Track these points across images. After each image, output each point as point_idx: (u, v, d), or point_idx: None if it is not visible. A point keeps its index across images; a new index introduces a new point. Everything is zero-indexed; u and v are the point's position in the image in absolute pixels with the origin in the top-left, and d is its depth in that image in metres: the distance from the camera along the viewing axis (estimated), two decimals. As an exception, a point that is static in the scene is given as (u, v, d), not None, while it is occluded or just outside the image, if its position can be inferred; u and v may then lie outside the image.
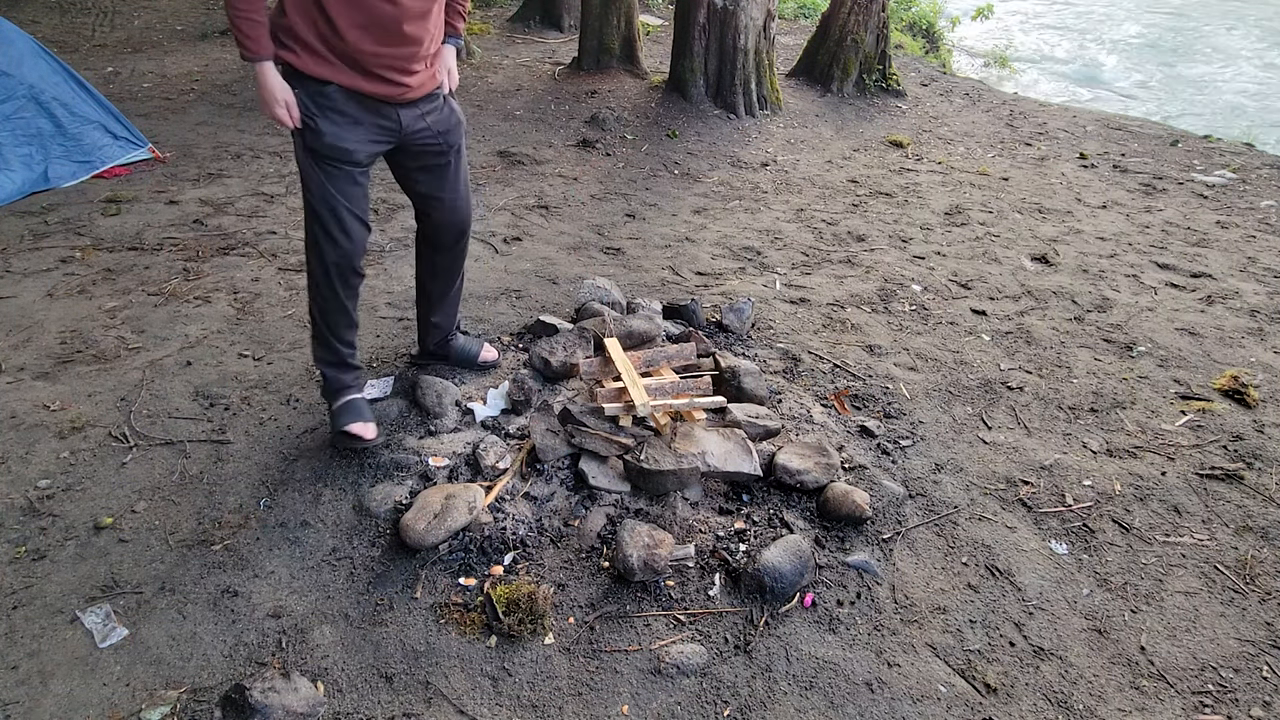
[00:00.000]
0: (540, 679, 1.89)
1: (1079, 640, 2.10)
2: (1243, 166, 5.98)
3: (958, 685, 1.95)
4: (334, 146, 2.17)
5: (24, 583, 2.05)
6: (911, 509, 2.48)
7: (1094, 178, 5.75)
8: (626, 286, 3.70)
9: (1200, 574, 2.33)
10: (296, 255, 3.79)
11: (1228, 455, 2.82)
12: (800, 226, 4.63)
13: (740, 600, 2.10)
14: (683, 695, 1.87)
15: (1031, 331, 3.57)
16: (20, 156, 4.25)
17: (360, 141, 2.21)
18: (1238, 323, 3.73)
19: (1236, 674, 2.03)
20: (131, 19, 8.58)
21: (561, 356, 2.76)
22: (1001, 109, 7.35)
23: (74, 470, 2.43)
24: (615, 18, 6.81)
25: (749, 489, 2.44)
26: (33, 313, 3.24)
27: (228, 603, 2.03)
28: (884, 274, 4.05)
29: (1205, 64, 9.88)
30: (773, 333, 3.41)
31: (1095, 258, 4.39)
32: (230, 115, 5.88)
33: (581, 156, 5.48)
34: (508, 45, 8.00)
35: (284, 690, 1.75)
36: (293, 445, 2.56)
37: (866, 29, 6.84)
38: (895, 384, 3.11)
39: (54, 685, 1.81)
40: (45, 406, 2.69)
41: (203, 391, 2.81)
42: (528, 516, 2.29)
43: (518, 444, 2.53)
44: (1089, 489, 2.63)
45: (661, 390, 2.51)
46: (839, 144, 6.15)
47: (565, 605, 2.07)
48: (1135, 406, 3.08)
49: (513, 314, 3.41)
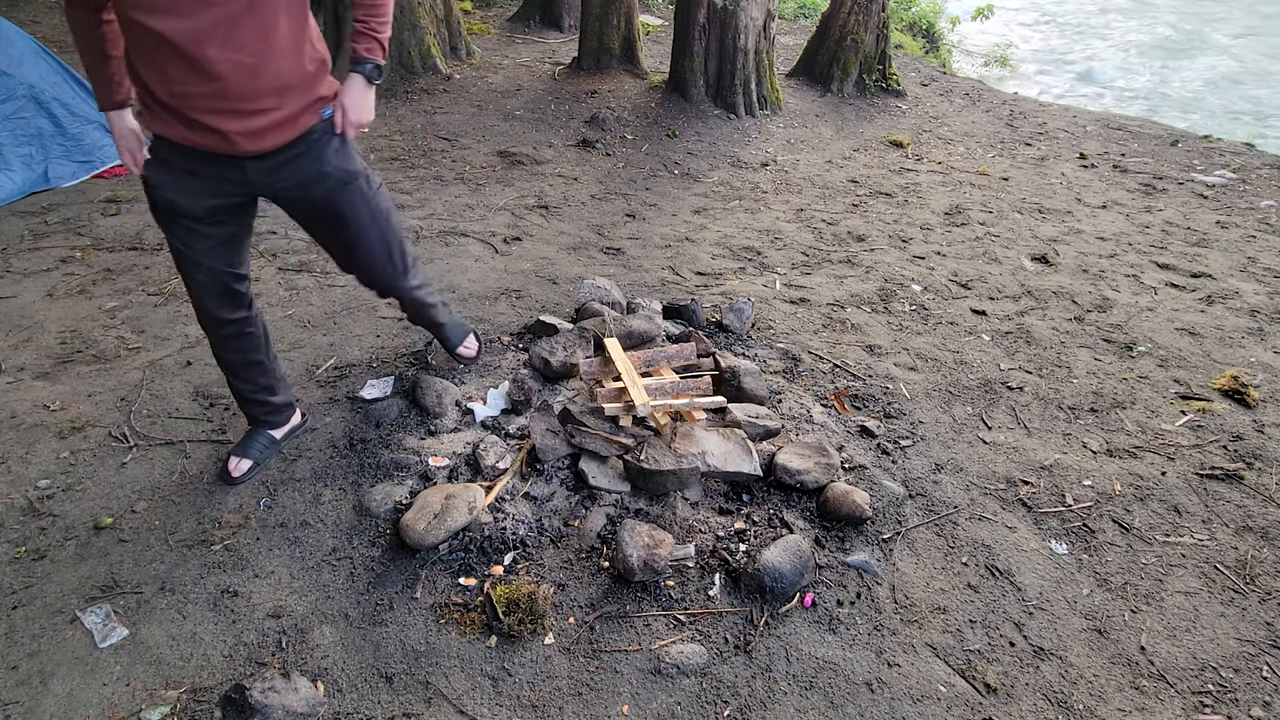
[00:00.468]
0: (540, 679, 1.89)
1: (1079, 640, 2.10)
2: (1243, 166, 5.98)
3: (958, 685, 1.95)
4: (164, 199, 1.91)
5: (24, 583, 2.05)
6: (911, 509, 2.48)
7: (1094, 178, 5.75)
8: (626, 286, 3.70)
9: (1200, 574, 2.33)
10: (296, 255, 3.79)
11: (1228, 455, 2.82)
12: (800, 226, 4.63)
13: (740, 600, 2.10)
14: (683, 695, 1.87)
15: (1031, 331, 3.57)
16: (20, 156, 4.25)
17: (195, 196, 1.91)
18: (1238, 323, 3.73)
19: (1236, 674, 2.03)
20: (131, 19, 8.57)
21: (561, 356, 2.76)
22: (1001, 109, 7.35)
23: (74, 470, 2.43)
24: (615, 18, 6.81)
25: (749, 489, 2.44)
26: (33, 313, 3.24)
27: (228, 603, 2.03)
28: (884, 274, 4.05)
29: (1205, 64, 9.87)
30: (773, 333, 3.41)
31: (1095, 258, 4.39)
32: (230, 115, 5.87)
33: (581, 156, 5.48)
34: (508, 45, 8.00)
35: (284, 690, 1.75)
36: (293, 445, 2.56)
37: (866, 29, 6.84)
38: (895, 384, 3.11)
39: (54, 685, 1.81)
40: (45, 406, 2.69)
41: (203, 391, 2.81)
42: (528, 516, 2.29)
43: (518, 444, 2.53)
44: (1089, 489, 2.63)
45: (661, 390, 2.51)
46: (839, 144, 6.15)
47: (565, 605, 2.07)
48: (1135, 406, 3.08)
49: (513, 314, 3.41)
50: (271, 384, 2.38)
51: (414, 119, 5.90)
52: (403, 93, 6.33)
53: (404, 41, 6.57)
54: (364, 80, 1.96)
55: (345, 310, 3.38)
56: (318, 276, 3.64)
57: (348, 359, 3.03)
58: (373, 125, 5.70)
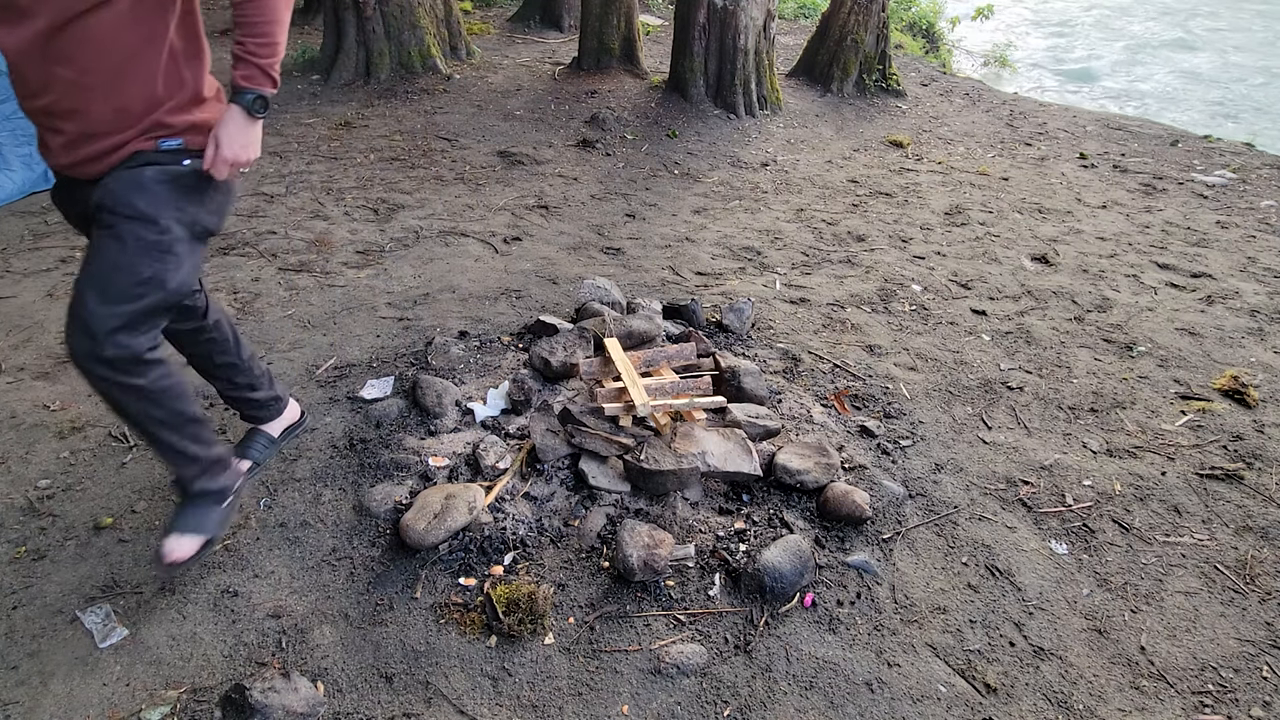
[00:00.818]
0: (540, 679, 1.89)
1: (1079, 640, 2.10)
2: (1243, 166, 5.98)
3: (958, 685, 1.95)
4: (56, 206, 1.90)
5: (24, 583, 2.05)
6: (911, 509, 2.48)
7: (1094, 178, 5.75)
8: (626, 286, 3.70)
9: (1200, 574, 2.33)
10: (296, 255, 3.79)
11: (1228, 455, 2.82)
12: (800, 226, 4.63)
13: (740, 600, 2.10)
14: (683, 695, 1.87)
15: (1031, 331, 3.57)
16: (20, 156, 4.25)
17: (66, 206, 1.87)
18: (1238, 323, 3.73)
19: (1236, 674, 2.03)
20: (131, 19, 8.57)
21: (561, 356, 2.76)
22: (1001, 109, 7.35)
23: (74, 470, 2.43)
24: (615, 18, 6.81)
25: (749, 489, 2.44)
26: (33, 313, 3.24)
27: (228, 603, 2.03)
28: (884, 274, 4.05)
29: (1206, 64, 9.88)
30: (773, 333, 3.41)
31: (1095, 258, 4.39)
32: (230, 115, 5.87)
33: (581, 156, 5.48)
34: (508, 45, 8.00)
35: (284, 690, 1.75)
36: (293, 445, 2.56)
37: (866, 29, 6.84)
38: (895, 384, 3.11)
39: (54, 685, 1.81)
40: (45, 406, 2.69)
41: (202, 391, 2.80)
42: (528, 516, 2.29)
43: (518, 444, 2.53)
44: (1089, 489, 2.63)
45: (661, 390, 2.51)
46: (839, 144, 6.15)
47: (565, 605, 2.07)
48: (1135, 406, 3.08)
49: (513, 314, 3.41)
50: (251, 381, 2.35)
51: (414, 119, 5.91)
52: (403, 93, 6.33)
53: (404, 41, 6.57)
54: (243, 112, 1.71)
55: (345, 310, 3.38)
56: (318, 276, 3.65)
57: (348, 359, 3.03)
58: (373, 125, 5.71)
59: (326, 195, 4.53)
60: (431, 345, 3.05)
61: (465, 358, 3.00)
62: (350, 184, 4.73)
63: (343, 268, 3.75)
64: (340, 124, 5.75)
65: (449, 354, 3.00)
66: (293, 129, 5.65)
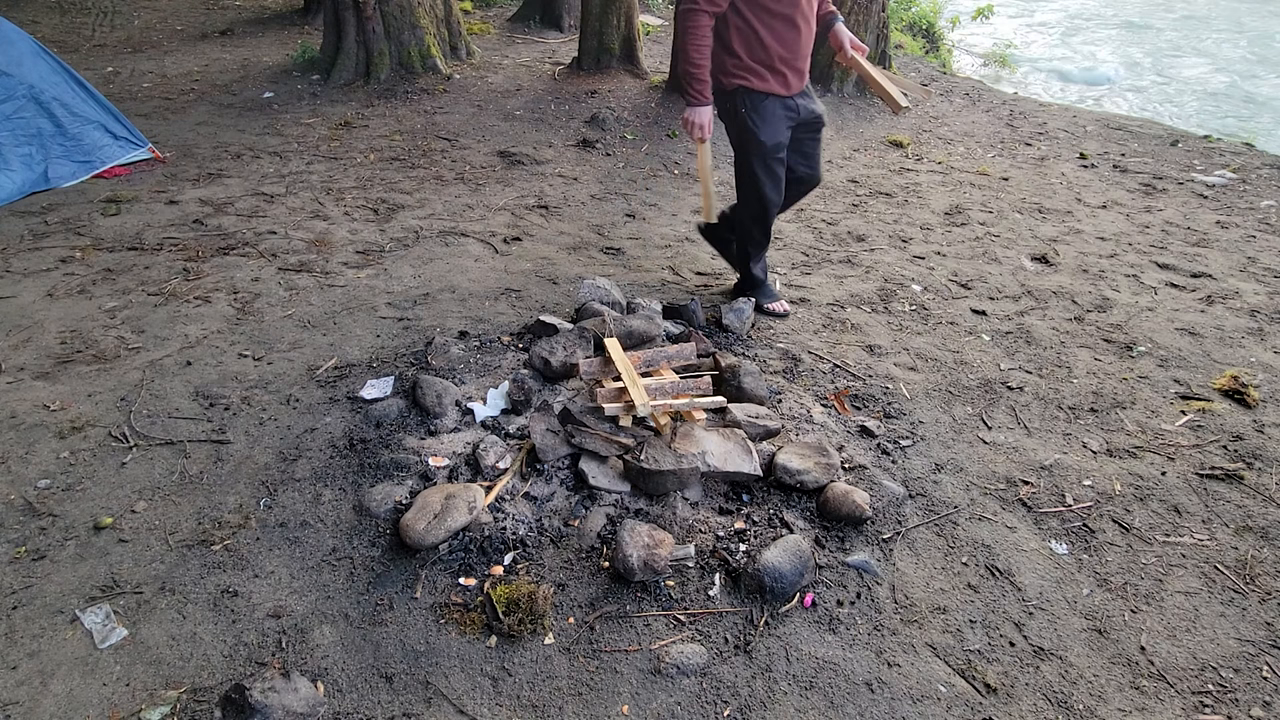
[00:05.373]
0: (540, 679, 1.89)
1: (1079, 640, 2.10)
2: (1243, 166, 5.98)
3: (958, 685, 1.95)
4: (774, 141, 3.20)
5: (24, 583, 2.05)
6: (911, 509, 2.48)
7: (1094, 178, 5.75)
8: (626, 286, 3.70)
9: (1200, 574, 2.33)
10: (296, 255, 3.79)
11: (1228, 455, 2.82)
12: (800, 226, 4.63)
13: (740, 600, 2.10)
14: (683, 695, 1.87)
15: (1031, 331, 3.57)
16: (20, 156, 4.25)
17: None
18: (1238, 323, 3.73)
19: (1236, 674, 2.03)
20: (131, 19, 8.59)
21: (561, 356, 2.76)
22: (1001, 109, 7.35)
23: (74, 470, 2.43)
24: (615, 18, 6.81)
25: (749, 489, 2.44)
26: (33, 313, 3.24)
27: (228, 603, 2.03)
28: (884, 274, 4.05)
29: (1206, 63, 9.87)
30: (773, 333, 3.41)
31: (1095, 258, 4.39)
32: (230, 115, 5.88)
33: (581, 156, 5.48)
34: (508, 45, 8.00)
35: (284, 690, 1.75)
36: (293, 445, 2.56)
37: (866, 29, 6.84)
38: (895, 384, 3.11)
39: (54, 685, 1.81)
40: (45, 406, 2.69)
41: (203, 391, 2.81)
42: (528, 516, 2.29)
43: (518, 444, 2.53)
44: (1089, 489, 2.63)
45: (661, 390, 2.51)
46: (839, 144, 6.15)
47: (565, 605, 2.07)
48: (1135, 406, 3.08)
49: (513, 314, 3.41)
50: None
51: (414, 119, 5.91)
52: (403, 93, 6.33)
53: (404, 41, 6.57)
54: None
55: (345, 310, 3.38)
56: (318, 276, 3.65)
57: (348, 359, 3.04)
58: (373, 125, 5.72)
59: (326, 195, 4.53)
60: (431, 345, 3.05)
61: (465, 358, 3.00)
62: (350, 184, 4.73)
63: (343, 268, 3.75)
64: (340, 124, 5.75)
65: (449, 354, 3.00)
66: (293, 129, 5.65)
